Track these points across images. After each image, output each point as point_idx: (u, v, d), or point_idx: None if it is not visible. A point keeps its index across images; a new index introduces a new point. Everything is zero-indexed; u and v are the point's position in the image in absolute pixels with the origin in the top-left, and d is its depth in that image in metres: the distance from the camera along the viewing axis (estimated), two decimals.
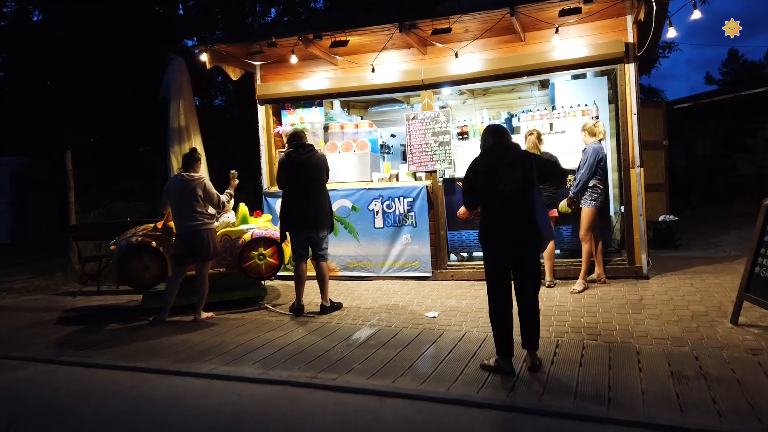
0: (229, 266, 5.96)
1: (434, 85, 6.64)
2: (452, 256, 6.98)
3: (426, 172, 6.74)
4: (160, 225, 5.89)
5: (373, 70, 6.44)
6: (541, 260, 5.86)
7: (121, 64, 14.98)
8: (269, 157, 7.40)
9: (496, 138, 3.90)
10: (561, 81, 7.78)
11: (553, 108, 7.55)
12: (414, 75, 6.63)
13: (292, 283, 7.06)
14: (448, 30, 5.64)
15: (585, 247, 5.81)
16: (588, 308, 5.20)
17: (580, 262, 5.83)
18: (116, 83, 15.71)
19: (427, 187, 6.62)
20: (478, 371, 3.88)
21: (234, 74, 7.05)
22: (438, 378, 3.79)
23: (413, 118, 6.74)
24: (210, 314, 5.67)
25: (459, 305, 5.63)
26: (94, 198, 10.78)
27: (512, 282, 3.85)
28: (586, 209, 5.77)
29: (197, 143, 8.57)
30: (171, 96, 8.46)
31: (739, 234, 9.65)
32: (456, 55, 6.10)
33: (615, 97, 7.55)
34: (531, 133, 5.87)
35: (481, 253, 4.06)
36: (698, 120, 14.53)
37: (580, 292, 5.71)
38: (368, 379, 3.84)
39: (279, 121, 7.60)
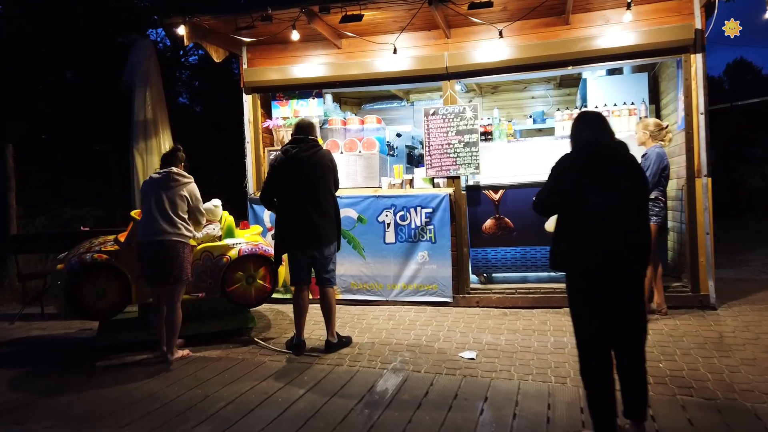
0: (209, 290, 4.87)
1: (460, 75, 5.73)
2: (473, 277, 6.04)
3: (448, 177, 5.79)
4: (123, 237, 4.77)
5: (395, 51, 5.48)
6: None
7: (78, 54, 13.63)
8: (256, 157, 6.34)
9: (592, 130, 2.95)
10: (594, 77, 7.00)
11: (584, 106, 6.74)
12: (435, 62, 5.69)
13: (282, 307, 6.05)
14: (490, 4, 4.71)
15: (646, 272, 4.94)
16: (661, 348, 4.34)
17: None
18: (71, 72, 14.30)
19: (449, 195, 5.68)
20: None
21: (217, 55, 5.99)
22: None
23: (433, 114, 5.80)
24: (185, 352, 4.58)
25: (497, 342, 4.69)
26: (40, 201, 9.44)
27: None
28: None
29: (166, 140, 7.45)
30: (136, 83, 7.33)
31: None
32: (501, 33, 5.19)
33: (655, 96, 6.80)
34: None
35: (504, 274, 3.08)
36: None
37: None
38: None
39: (268, 115, 6.55)
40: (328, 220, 4.56)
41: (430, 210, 5.70)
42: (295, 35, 5.41)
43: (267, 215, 6.16)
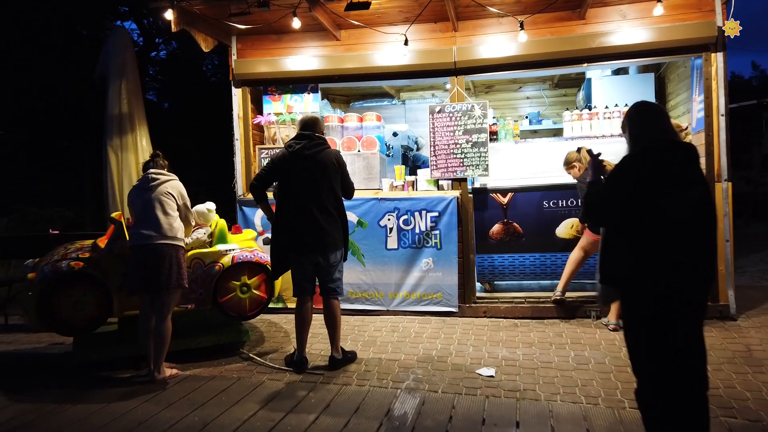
0: (199, 301, 4.46)
1: (469, 70, 5.43)
2: (477, 285, 5.75)
3: (454, 179, 5.49)
4: (102, 242, 4.32)
5: (406, 42, 5.14)
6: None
7: (45, 43, 12.92)
8: (246, 155, 5.93)
9: (658, 127, 2.57)
10: (599, 77, 6.81)
11: (588, 108, 6.54)
12: (443, 56, 5.38)
13: (275, 318, 5.67)
14: None
15: None
16: None
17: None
18: (37, 61, 13.56)
19: (456, 199, 5.37)
20: None
21: (206, 44, 5.56)
22: None
23: (439, 112, 5.50)
24: (173, 371, 4.17)
25: (514, 357, 4.40)
26: (3, 201, 8.80)
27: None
28: None
29: (143, 136, 6.98)
30: (111, 74, 6.84)
31: (762, 258, 9.07)
32: (521, 25, 4.89)
33: (661, 98, 6.64)
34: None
35: (507, 282, 2.73)
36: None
37: None
38: None
39: (258, 110, 6.15)
40: (333, 224, 4.20)
41: (436, 214, 5.39)
42: (296, 23, 5.03)
43: (258, 218, 5.76)
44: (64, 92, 12.32)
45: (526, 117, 8.19)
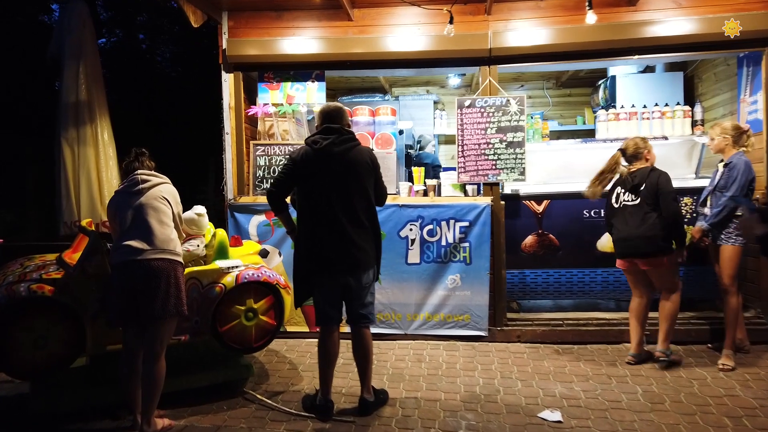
0: (195, 331, 3.63)
1: (505, 59, 4.82)
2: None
3: (485, 184, 4.85)
4: (70, 256, 3.45)
5: (451, 20, 4.43)
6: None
7: None
8: (237, 153, 5.11)
9: None
10: (624, 74, 6.34)
11: (612, 106, 6.06)
12: (476, 42, 4.75)
13: (274, 345, 4.84)
14: None
15: (731, 302, 4.26)
16: None
17: (695, 318, 4.44)
18: None
19: (490, 206, 4.74)
20: None
21: (195, 18, 4.72)
22: None
23: (469, 106, 4.85)
24: (165, 421, 3.33)
25: (574, 394, 3.79)
26: None
27: None
28: (730, 248, 4.23)
29: (105, 127, 6.01)
30: (66, 55, 5.85)
31: None
32: (590, 4, 4.27)
33: (689, 98, 6.23)
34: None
35: (537, 301, 2.21)
36: None
37: (732, 369, 4.14)
38: None
39: (251, 101, 5.34)
40: (365, 237, 3.48)
41: (467, 224, 4.73)
42: None
43: (254, 226, 4.96)
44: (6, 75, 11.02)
45: (531, 117, 7.67)
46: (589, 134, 7.46)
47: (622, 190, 4.28)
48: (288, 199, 3.54)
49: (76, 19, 5.84)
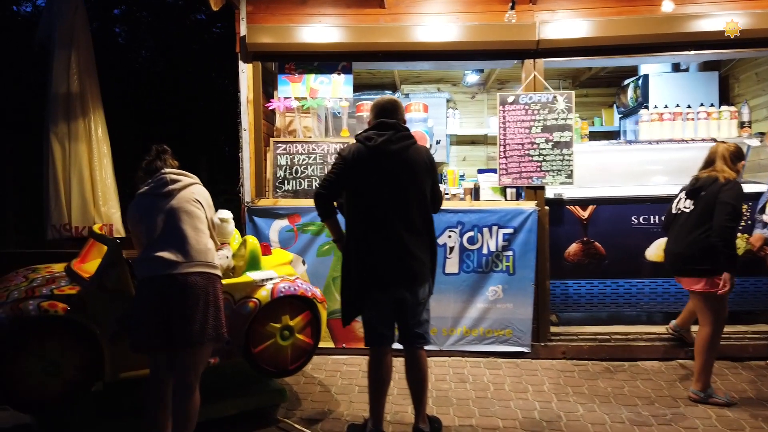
0: (226, 353, 3.22)
1: (554, 53, 4.49)
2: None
3: (529, 188, 4.51)
4: (78, 266, 3.00)
5: (512, 6, 4.08)
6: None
7: None
8: (256, 151, 4.69)
9: None
10: (657, 73, 6.10)
11: (644, 107, 5.82)
12: (522, 33, 4.41)
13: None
14: None
15: None
16: None
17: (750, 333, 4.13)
18: None
19: (537, 212, 4.40)
20: None
21: (214, 1, 4.28)
22: None
23: (512, 103, 4.51)
24: None
25: (643, 420, 3.48)
26: None
27: None
28: None
29: (98, 122, 5.53)
30: (56, 44, 5.36)
31: None
32: None
33: (726, 100, 6.00)
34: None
35: (579, 314, 2.05)
36: None
37: None
38: None
39: (266, 94, 4.92)
40: (422, 247, 3.11)
41: (511, 231, 4.39)
42: None
43: (275, 232, 4.54)
44: None
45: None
46: (606, 136, 7.23)
47: (684, 195, 3.93)
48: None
49: (67, 4, 5.37)
